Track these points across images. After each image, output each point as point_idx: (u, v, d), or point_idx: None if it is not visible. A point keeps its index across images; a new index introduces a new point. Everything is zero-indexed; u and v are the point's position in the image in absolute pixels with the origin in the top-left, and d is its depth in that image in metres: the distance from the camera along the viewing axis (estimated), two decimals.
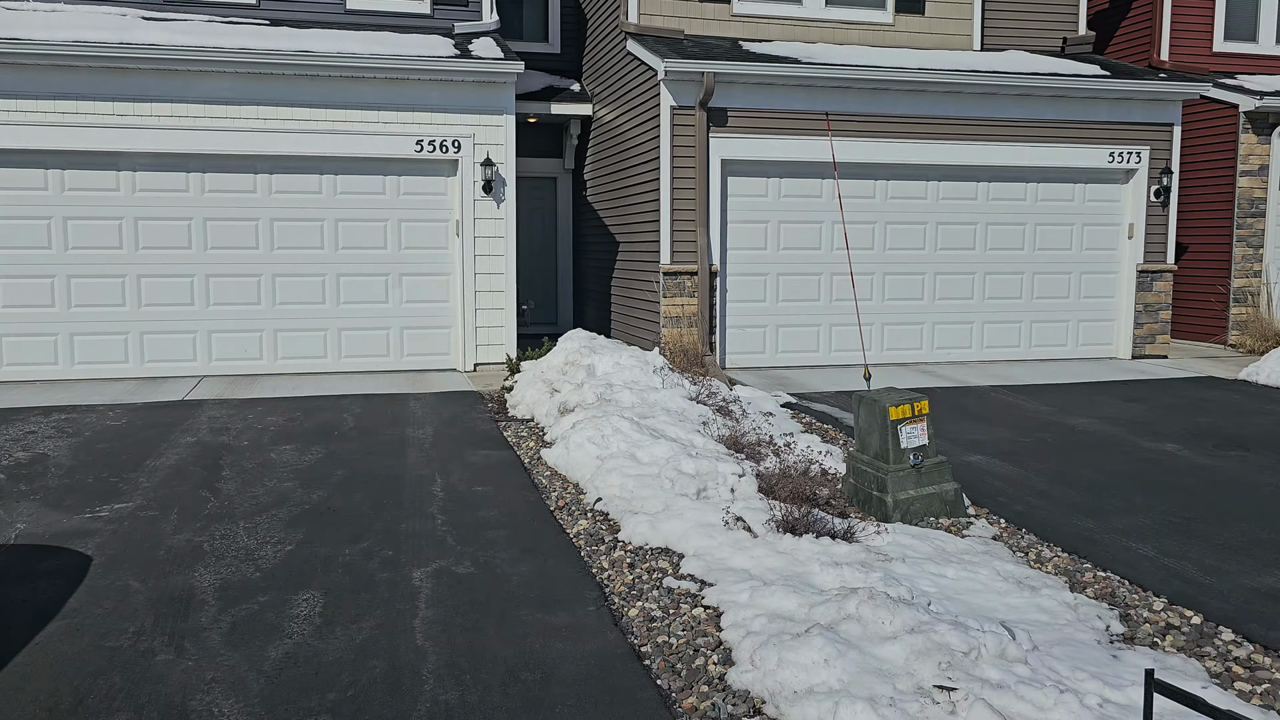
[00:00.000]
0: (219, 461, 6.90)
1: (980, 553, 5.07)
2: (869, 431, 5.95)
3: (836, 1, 11.78)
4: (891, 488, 5.67)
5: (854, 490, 6.00)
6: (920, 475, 5.75)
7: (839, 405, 8.88)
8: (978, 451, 7.33)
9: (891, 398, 5.86)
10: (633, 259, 11.62)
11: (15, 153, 9.52)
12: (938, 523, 5.65)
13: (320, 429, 7.90)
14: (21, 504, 5.92)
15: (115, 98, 9.60)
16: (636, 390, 7.75)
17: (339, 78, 10.03)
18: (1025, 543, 5.40)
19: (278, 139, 9.99)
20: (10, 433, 7.62)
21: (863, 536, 5.20)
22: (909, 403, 5.80)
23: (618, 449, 6.45)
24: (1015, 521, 5.74)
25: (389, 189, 10.50)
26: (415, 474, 6.68)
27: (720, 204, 10.56)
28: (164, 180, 9.93)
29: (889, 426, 5.75)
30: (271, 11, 11.18)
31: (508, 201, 10.58)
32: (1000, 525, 5.70)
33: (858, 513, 5.84)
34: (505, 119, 10.51)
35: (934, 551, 5.02)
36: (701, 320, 10.44)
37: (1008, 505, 6.04)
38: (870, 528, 5.36)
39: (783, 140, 10.60)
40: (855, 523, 5.44)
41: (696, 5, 11.37)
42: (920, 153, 10.98)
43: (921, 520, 5.65)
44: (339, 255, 10.42)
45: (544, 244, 14.50)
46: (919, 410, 5.80)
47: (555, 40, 14.26)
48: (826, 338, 11.12)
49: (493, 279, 10.62)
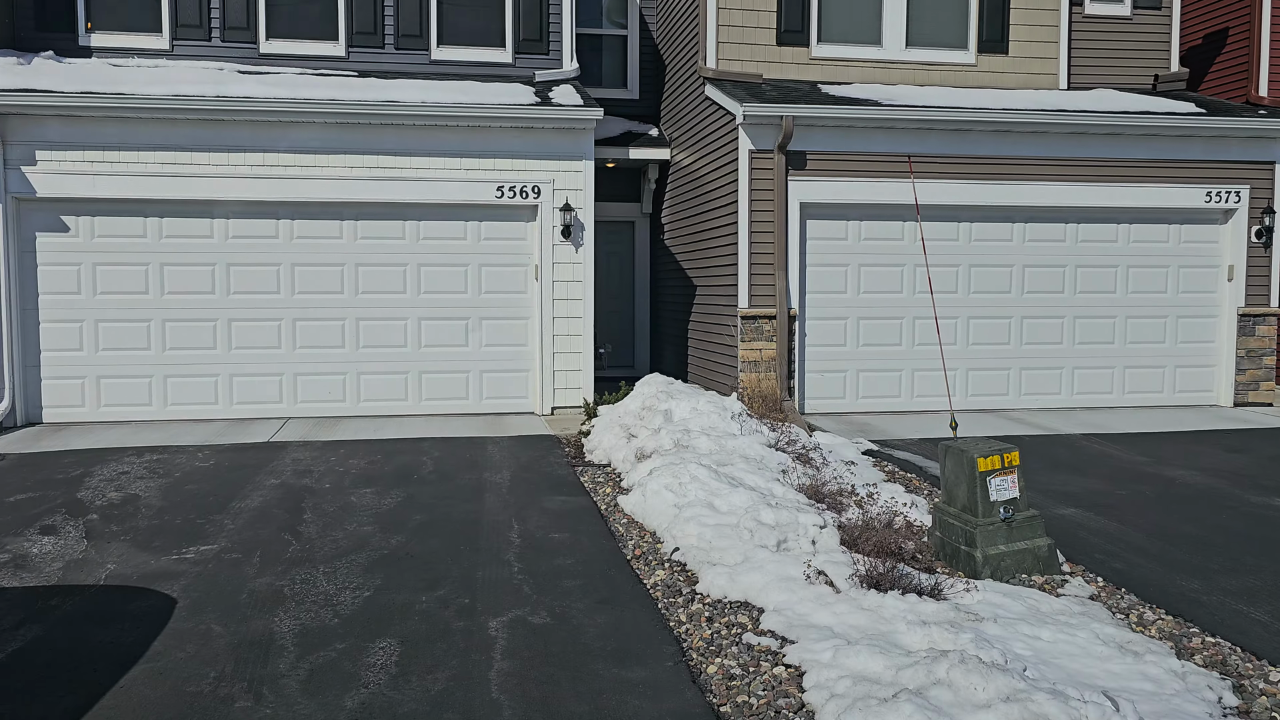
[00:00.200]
0: (301, 504, 6.99)
1: (1077, 614, 4.83)
2: (956, 483, 5.75)
3: (917, 43, 11.66)
4: (980, 542, 5.45)
5: (940, 544, 5.79)
6: (1011, 530, 5.52)
7: (923, 453, 8.64)
8: (1071, 504, 7.03)
9: (979, 448, 5.66)
10: (710, 303, 11.56)
11: (118, 202, 9.93)
12: (1030, 580, 5.41)
13: (400, 472, 7.97)
14: (113, 544, 6.07)
15: (211, 148, 9.97)
16: (714, 436, 7.65)
17: (423, 126, 10.26)
18: (1125, 604, 5.12)
19: (363, 186, 10.24)
20: (105, 472, 7.85)
21: (951, 594, 4.99)
22: (998, 454, 5.59)
23: (695, 497, 6.35)
24: (1114, 580, 5.46)
25: (470, 234, 10.66)
26: (492, 519, 6.66)
27: (799, 247, 10.46)
28: (255, 227, 10.24)
29: (977, 478, 5.54)
30: (360, 63, 11.52)
31: (586, 246, 10.64)
32: (1098, 584, 5.43)
33: (945, 568, 5.63)
34: (584, 164, 10.61)
35: (1027, 611, 4.80)
36: (780, 365, 10.30)
37: (1105, 563, 5.76)
38: (959, 584, 5.15)
39: (863, 183, 10.48)
40: (943, 579, 5.23)
41: (775, 50, 11.37)
42: (1005, 194, 10.74)
43: (1013, 577, 5.42)
44: (420, 299, 10.58)
45: (621, 287, 14.55)
46: (1009, 461, 5.58)
47: (634, 86, 14.40)
48: (908, 383, 10.87)
49: (570, 323, 10.66)
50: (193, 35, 11.19)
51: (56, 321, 9.92)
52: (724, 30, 11.21)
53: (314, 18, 11.47)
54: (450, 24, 11.72)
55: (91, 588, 5.32)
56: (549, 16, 11.83)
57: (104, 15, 11.07)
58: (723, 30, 11.21)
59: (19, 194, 9.63)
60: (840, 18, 11.51)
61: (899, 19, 11.56)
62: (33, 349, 9.87)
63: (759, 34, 11.31)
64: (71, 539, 6.17)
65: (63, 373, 9.96)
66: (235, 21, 11.24)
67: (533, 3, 11.79)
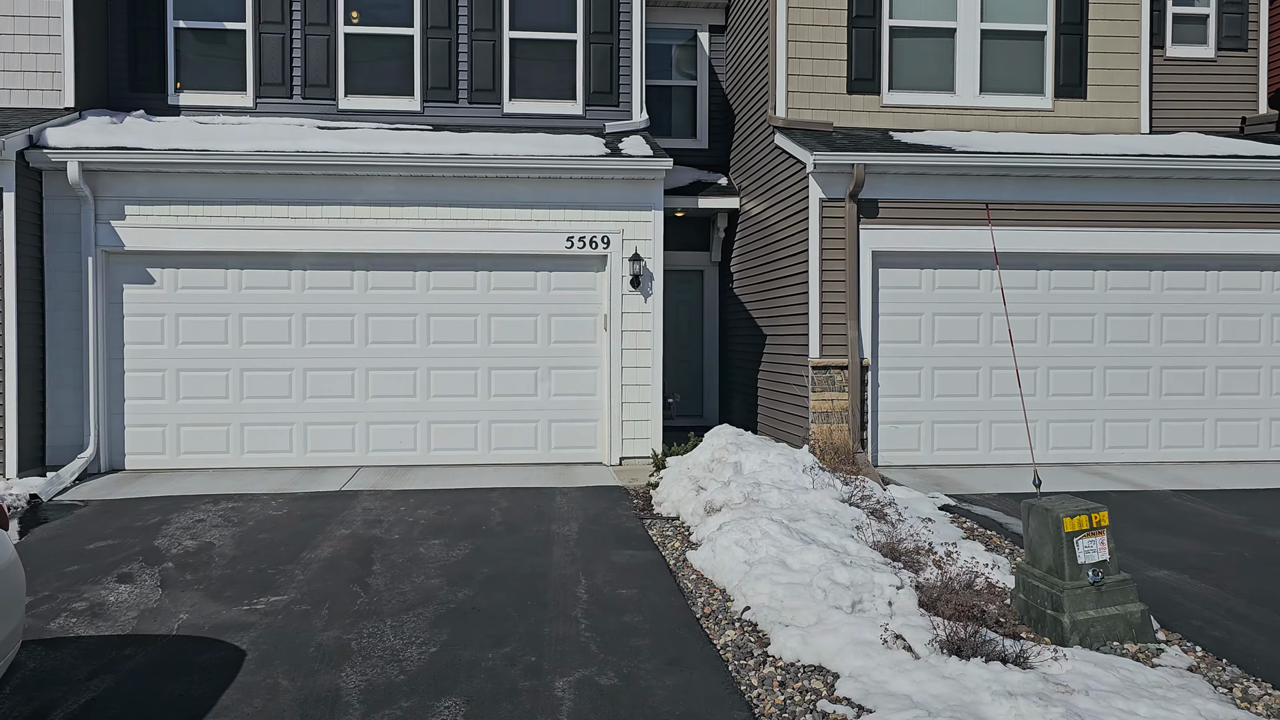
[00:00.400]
0: (370, 555, 6.99)
1: (1176, 686, 4.54)
2: (1040, 543, 5.50)
3: (992, 89, 11.49)
4: (1068, 607, 5.19)
5: (1024, 607, 5.53)
6: (1101, 594, 5.25)
7: (1003, 509, 8.34)
8: (1163, 565, 6.69)
9: (1065, 507, 5.42)
10: (780, 352, 11.42)
11: (201, 254, 10.22)
12: (1122, 648, 5.12)
13: (468, 523, 7.94)
14: (186, 594, 6.12)
15: (290, 201, 10.23)
16: (785, 490, 7.49)
17: (495, 178, 10.40)
18: (1228, 676, 4.81)
19: (436, 237, 10.39)
20: (182, 520, 7.98)
21: (1038, 662, 4.75)
22: (1086, 513, 5.34)
23: (766, 554, 6.19)
24: (1214, 650, 5.15)
25: (539, 284, 10.72)
26: (560, 573, 6.58)
27: (871, 296, 10.29)
28: (330, 278, 10.44)
29: (1063, 539, 5.30)
30: (434, 117, 11.76)
31: (655, 296, 10.62)
32: (1196, 654, 5.12)
33: (1029, 632, 5.37)
34: (653, 214, 10.63)
35: (1121, 683, 4.53)
36: (852, 416, 10.10)
37: (1204, 630, 5.43)
38: (1045, 652, 4.89)
39: (936, 230, 10.30)
40: (1028, 645, 4.99)
41: (845, 98, 11.31)
42: (1085, 241, 10.46)
43: (1103, 645, 5.14)
44: (490, 349, 10.65)
45: (690, 337, 14.48)
46: (1097, 522, 5.33)
47: (703, 136, 14.45)
48: (986, 435, 10.55)
49: (639, 373, 10.62)
50: (275, 93, 11.57)
51: (140, 371, 10.20)
52: (794, 80, 11.20)
53: (391, 74, 11.77)
54: (522, 78, 11.92)
55: (164, 638, 5.36)
56: (619, 70, 11.97)
57: (192, 75, 11.51)
58: (792, 80, 11.20)
59: (108, 247, 9.98)
60: (911, 66, 11.42)
61: (972, 66, 11.42)
62: (117, 397, 10.15)
63: (829, 83, 11.27)
64: (147, 587, 6.24)
65: (145, 420, 10.21)
66: (316, 79, 11.59)
67: (603, 57, 11.94)
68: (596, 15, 11.93)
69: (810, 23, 11.20)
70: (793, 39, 11.18)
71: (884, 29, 11.31)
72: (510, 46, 11.86)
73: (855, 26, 11.27)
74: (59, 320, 9.91)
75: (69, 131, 9.88)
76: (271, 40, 11.54)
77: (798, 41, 11.19)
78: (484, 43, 11.81)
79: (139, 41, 11.37)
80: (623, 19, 11.96)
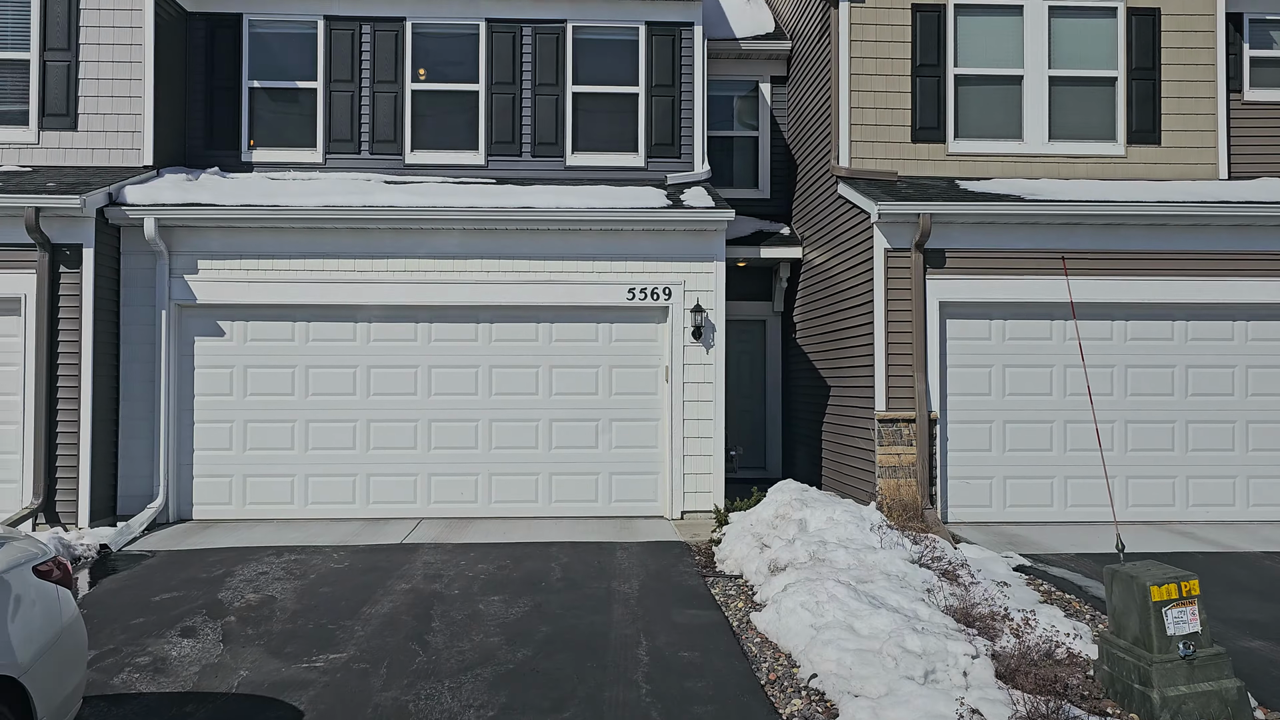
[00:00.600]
0: (430, 611, 6.92)
1: None
2: (1125, 612, 5.22)
3: (1061, 135, 11.26)
4: (1158, 682, 4.89)
5: (1109, 680, 5.24)
6: (1192, 668, 4.95)
7: (1081, 570, 7.99)
8: (1257, 635, 6.31)
9: (1152, 574, 5.14)
10: (845, 404, 11.21)
11: (270, 307, 10.40)
12: None
13: (528, 579, 7.85)
14: (247, 649, 6.11)
15: (357, 255, 10.39)
16: (852, 549, 7.27)
17: (557, 230, 10.45)
18: None
19: (499, 289, 10.45)
20: (245, 573, 8.01)
21: None
22: (1175, 581, 5.06)
23: (833, 618, 5.98)
24: None
25: (601, 335, 10.70)
26: (620, 634, 6.44)
27: (938, 347, 10.06)
28: (395, 330, 10.54)
29: (1151, 609, 5.02)
30: (498, 170, 11.90)
31: (717, 347, 10.52)
32: None
33: (1115, 708, 5.08)
34: (715, 265, 10.57)
35: None
36: (920, 471, 9.83)
37: None
38: None
39: (1006, 280, 10.06)
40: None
41: (910, 147, 11.18)
42: (1163, 291, 10.12)
43: None
44: (552, 400, 10.62)
45: (752, 388, 14.32)
46: (1188, 591, 5.04)
47: (764, 185, 14.41)
48: (1061, 491, 10.18)
49: (701, 425, 10.49)
50: (344, 149, 11.82)
51: (209, 421, 10.37)
52: (857, 129, 11.11)
53: (456, 130, 11.96)
54: (584, 131, 12.02)
55: (224, 695, 5.34)
56: (681, 122, 12.01)
57: (265, 133, 11.83)
58: (855, 129, 11.11)
59: (181, 301, 10.22)
60: (977, 113, 11.26)
61: (1040, 113, 11.22)
62: (187, 448, 10.32)
63: (893, 131, 11.15)
64: (209, 642, 6.25)
65: (213, 471, 10.35)
66: (383, 135, 11.83)
67: (665, 109, 12.00)
68: (658, 69, 12.02)
69: (873, 72, 11.13)
70: (856, 89, 11.11)
71: (948, 77, 11.19)
72: (573, 100, 11.98)
73: (919, 75, 11.17)
74: (133, 372, 10.15)
75: (146, 189, 10.19)
76: (341, 98, 11.82)
77: (861, 91, 11.12)
78: (547, 97, 11.95)
79: (215, 101, 11.74)
80: (684, 72, 12.03)
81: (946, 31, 11.17)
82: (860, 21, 11.12)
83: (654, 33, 12.05)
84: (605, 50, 12.11)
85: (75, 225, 9.62)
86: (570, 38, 12.00)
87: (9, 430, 9.63)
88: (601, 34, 12.10)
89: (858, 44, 11.12)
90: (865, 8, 11.14)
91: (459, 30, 11.98)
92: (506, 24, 11.96)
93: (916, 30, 11.16)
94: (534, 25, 11.98)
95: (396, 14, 11.86)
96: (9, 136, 10.80)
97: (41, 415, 9.46)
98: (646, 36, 12.03)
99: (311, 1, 11.79)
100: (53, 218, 9.54)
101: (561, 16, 11.97)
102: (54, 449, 9.53)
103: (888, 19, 11.16)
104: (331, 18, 11.82)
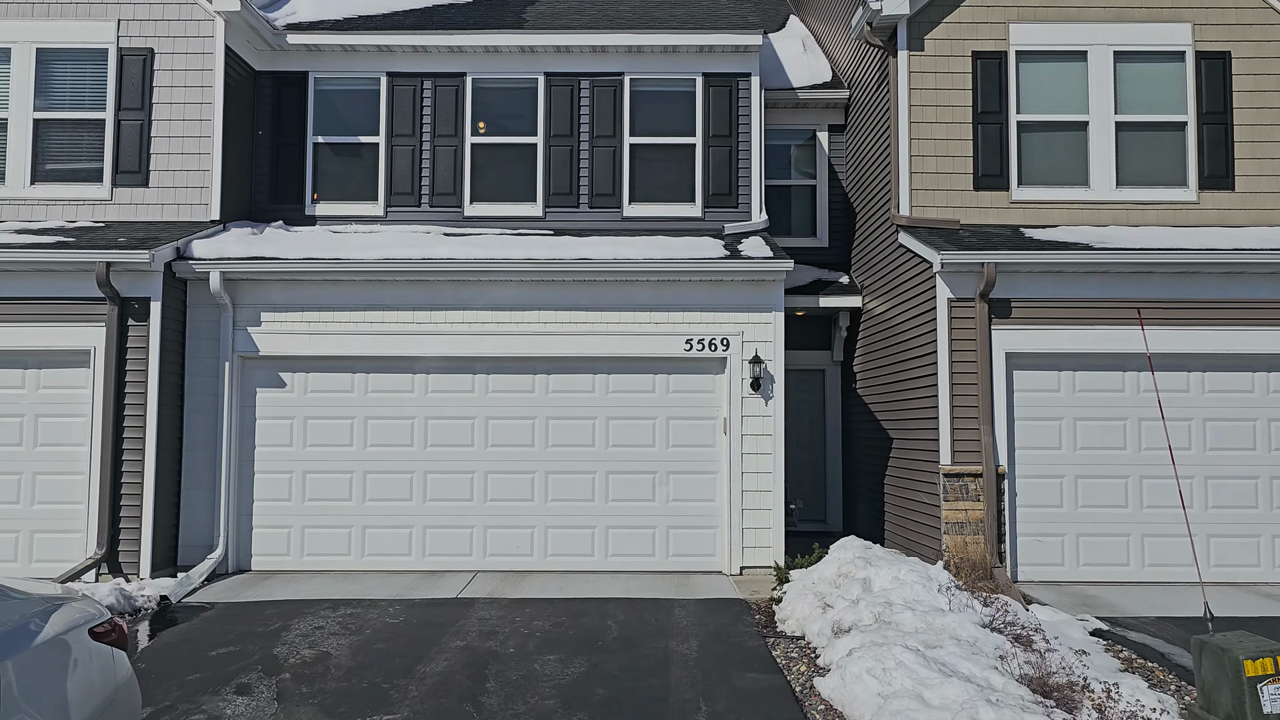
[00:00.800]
0: (485, 670, 6.80)
1: None
2: (1216, 687, 4.92)
3: (1129, 182, 10.98)
4: None
5: None
6: None
7: (1163, 636, 7.60)
8: None
9: (1245, 647, 4.84)
10: (908, 457, 10.93)
11: (330, 359, 10.50)
12: None
13: (584, 637, 7.69)
14: (301, 708, 6.04)
15: (415, 307, 10.45)
16: (919, 612, 7.00)
17: (614, 281, 10.42)
18: None
19: (556, 341, 10.43)
20: (301, 627, 7.98)
21: None
22: (1271, 655, 4.75)
23: (902, 686, 5.73)
24: None
25: (658, 387, 10.60)
26: (679, 698, 6.24)
27: (1005, 400, 9.78)
28: (452, 382, 10.56)
29: (1244, 684, 4.72)
30: (555, 222, 11.95)
31: (775, 399, 10.35)
32: None
33: None
34: (774, 316, 10.44)
35: None
36: (988, 527, 9.50)
37: None
38: None
39: (1074, 330, 9.78)
40: None
41: (972, 195, 10.98)
42: (1242, 341, 9.74)
43: None
44: (608, 453, 10.52)
45: (811, 439, 14.08)
46: None
47: (823, 234, 14.28)
48: (1138, 549, 9.77)
49: (760, 478, 10.29)
50: (404, 202, 11.98)
51: (269, 472, 10.44)
52: (917, 177, 10.95)
53: (514, 182, 12.06)
54: (641, 182, 12.04)
55: None
56: (738, 171, 11.97)
57: (328, 187, 12.04)
58: (916, 177, 10.95)
59: (244, 353, 10.35)
60: (1042, 161, 11.03)
61: (1108, 159, 10.96)
62: (247, 498, 10.39)
63: (954, 179, 10.97)
64: (263, 700, 6.19)
65: (272, 521, 10.40)
66: (443, 188, 11.97)
67: (722, 159, 11.98)
68: (715, 120, 12.02)
69: (934, 120, 10.98)
70: (916, 136, 10.97)
71: (1011, 124, 11.00)
72: (630, 151, 12.03)
73: (981, 123, 11.00)
74: (196, 423, 10.28)
75: (212, 243, 10.39)
76: (402, 152, 12.01)
77: (921, 139, 10.97)
78: (604, 149, 12.01)
79: (280, 156, 11.99)
80: (741, 122, 12.01)
81: (1008, 78, 11.00)
82: (919, 70, 11.01)
83: (711, 84, 12.07)
84: (662, 101, 12.16)
85: (144, 279, 9.83)
86: (628, 90, 12.08)
87: (75, 481, 9.79)
88: (659, 85, 12.16)
89: (917, 92, 10.99)
90: (925, 56, 11.03)
91: (518, 84, 12.13)
92: (565, 77, 12.08)
93: (977, 77, 11.01)
94: (592, 78, 12.08)
95: (457, 69, 12.05)
96: (84, 193, 11.13)
97: (107, 466, 9.60)
98: (704, 88, 12.06)
99: (375, 59, 12.05)
100: (122, 272, 9.76)
101: (619, 70, 12.06)
102: (118, 500, 9.66)
103: (948, 66, 11.03)
104: (394, 74, 12.05)
